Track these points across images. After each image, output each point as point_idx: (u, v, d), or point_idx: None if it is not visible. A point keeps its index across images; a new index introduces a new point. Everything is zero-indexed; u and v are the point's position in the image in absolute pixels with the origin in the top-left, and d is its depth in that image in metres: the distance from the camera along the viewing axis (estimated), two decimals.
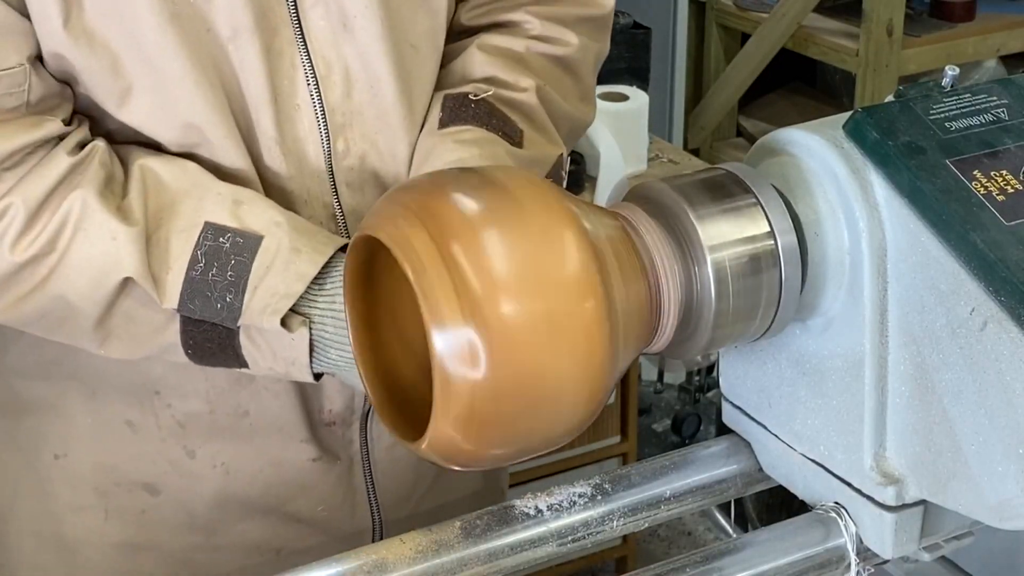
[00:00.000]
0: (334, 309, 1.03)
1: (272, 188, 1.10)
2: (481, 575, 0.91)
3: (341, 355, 1.04)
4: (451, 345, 0.78)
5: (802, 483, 0.97)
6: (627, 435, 2.55)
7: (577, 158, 2.46)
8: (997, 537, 0.98)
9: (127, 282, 1.03)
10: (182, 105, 1.06)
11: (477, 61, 1.19)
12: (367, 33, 1.10)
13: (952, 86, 0.92)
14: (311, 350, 1.04)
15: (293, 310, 1.03)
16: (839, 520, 0.94)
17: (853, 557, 0.94)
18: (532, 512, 0.93)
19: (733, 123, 3.80)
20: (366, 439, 1.22)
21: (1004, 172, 0.87)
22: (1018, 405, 0.81)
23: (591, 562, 2.66)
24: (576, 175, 2.43)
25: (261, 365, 1.06)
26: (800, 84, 3.91)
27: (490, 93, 1.15)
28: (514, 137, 1.15)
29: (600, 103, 2.46)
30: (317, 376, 1.07)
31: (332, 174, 1.12)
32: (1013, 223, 0.84)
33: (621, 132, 2.45)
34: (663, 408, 3.21)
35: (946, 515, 0.93)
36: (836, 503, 0.95)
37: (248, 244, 1.03)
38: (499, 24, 1.23)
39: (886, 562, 0.96)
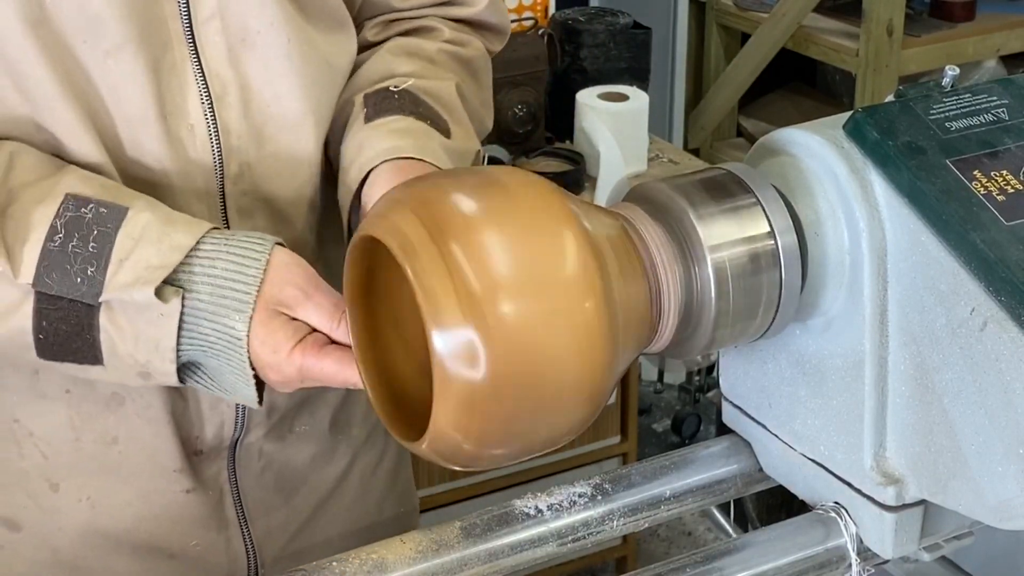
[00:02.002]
0: (210, 275, 0.97)
1: None
2: (481, 575, 0.91)
3: (215, 328, 0.96)
4: (451, 345, 0.78)
5: (802, 483, 0.97)
6: (627, 435, 2.55)
7: (577, 158, 2.46)
8: (997, 537, 0.98)
9: None
10: (45, 113, 1.01)
11: (390, 61, 1.16)
12: (271, 49, 1.06)
13: (952, 86, 0.92)
14: (180, 327, 0.97)
15: (165, 282, 0.96)
16: (839, 520, 0.94)
17: (853, 557, 0.94)
18: (532, 512, 0.93)
19: (733, 123, 3.80)
20: (234, 468, 1.18)
21: (1004, 172, 0.87)
22: (1018, 405, 0.81)
23: (591, 562, 2.67)
24: (576, 175, 2.43)
25: (120, 351, 0.97)
26: (800, 84, 3.91)
27: (409, 83, 1.12)
28: (441, 126, 1.12)
29: (600, 103, 2.47)
30: (181, 371, 0.99)
31: (223, 198, 1.08)
32: (1013, 223, 0.84)
33: (621, 132, 2.46)
34: (663, 408, 3.22)
35: (946, 515, 0.93)
36: (836, 503, 0.95)
37: (112, 215, 0.97)
38: (407, 32, 1.21)
39: (886, 562, 0.96)
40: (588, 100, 2.49)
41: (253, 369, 0.97)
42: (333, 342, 0.95)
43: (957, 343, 0.84)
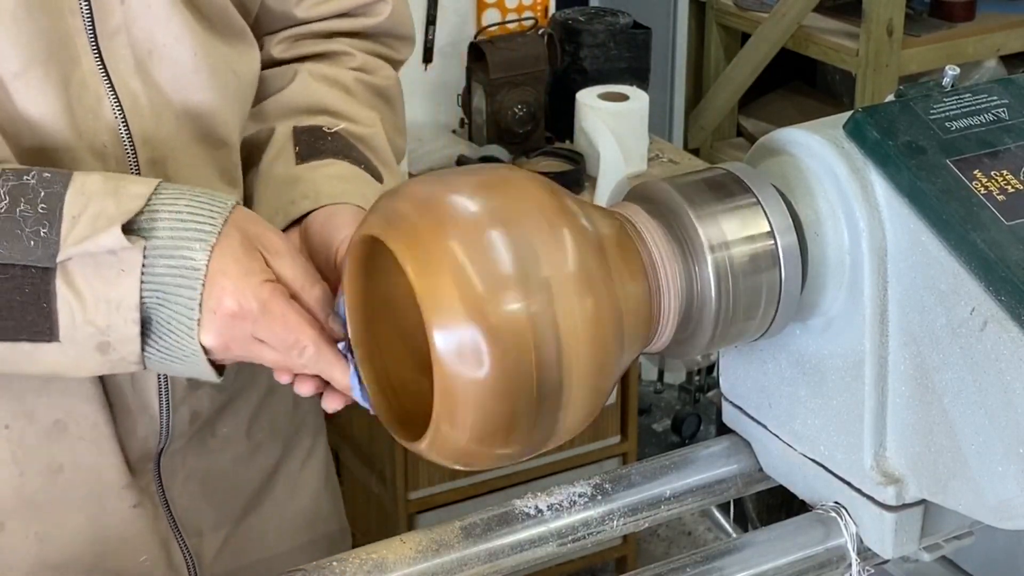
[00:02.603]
0: (172, 212, 0.93)
1: None
2: (481, 575, 0.91)
3: (171, 266, 0.92)
4: (452, 344, 0.78)
5: (802, 483, 0.97)
6: (627, 435, 2.55)
7: (577, 158, 2.46)
8: (997, 537, 0.98)
9: None
10: None
11: (315, 90, 1.15)
12: (179, 61, 1.06)
13: (952, 86, 0.92)
14: (141, 283, 0.92)
15: (125, 232, 0.92)
16: (839, 520, 0.94)
17: (853, 557, 0.94)
18: (532, 512, 0.93)
19: (733, 123, 3.80)
20: (159, 479, 1.16)
21: (1004, 172, 0.87)
22: (1018, 405, 0.81)
23: (591, 562, 2.67)
24: (576, 175, 2.43)
25: (78, 320, 0.93)
26: (800, 84, 3.91)
27: (341, 127, 1.12)
28: (373, 173, 1.12)
29: (600, 103, 2.47)
30: (144, 328, 0.93)
31: None
32: (1013, 223, 0.84)
33: (621, 132, 2.46)
34: (663, 408, 3.22)
35: (946, 515, 0.93)
36: (836, 503, 0.95)
37: (57, 177, 0.94)
38: (317, 55, 1.20)
39: (886, 562, 0.96)
40: (588, 100, 2.49)
41: (200, 314, 0.92)
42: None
43: (957, 343, 0.84)
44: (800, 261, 0.88)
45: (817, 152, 0.89)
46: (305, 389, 0.97)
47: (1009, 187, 0.86)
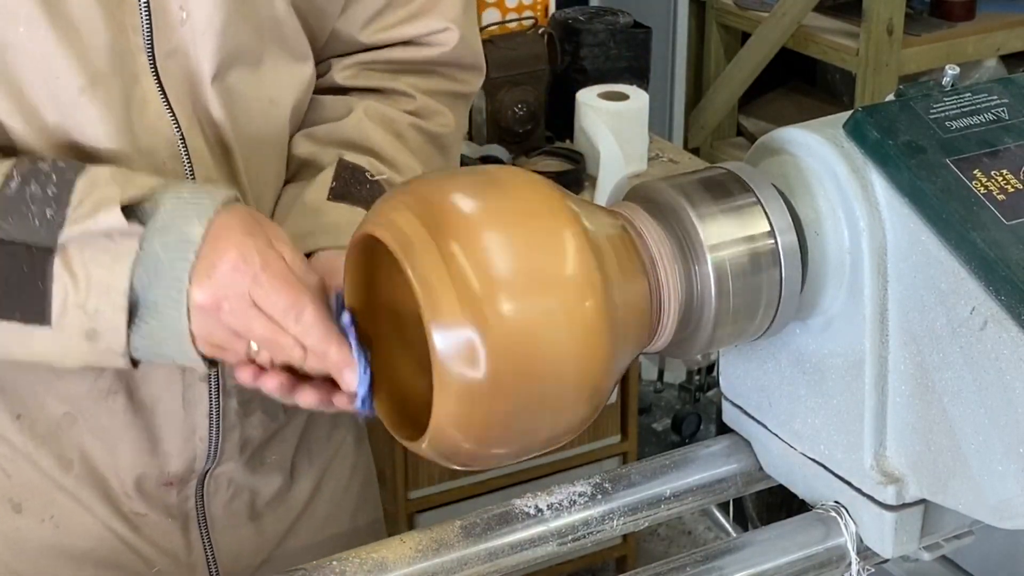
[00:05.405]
0: (176, 196, 0.95)
1: None
2: (481, 574, 0.91)
3: (165, 243, 0.93)
4: (451, 344, 0.78)
5: (802, 482, 0.97)
6: (627, 434, 2.55)
7: (577, 157, 2.46)
8: (997, 537, 0.98)
9: None
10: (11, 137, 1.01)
11: (368, 130, 1.16)
12: (230, 86, 1.06)
13: (952, 85, 0.92)
14: (133, 272, 0.93)
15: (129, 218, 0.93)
16: (839, 519, 0.94)
17: (853, 556, 0.94)
18: (532, 511, 0.93)
19: (733, 122, 3.80)
20: (202, 495, 1.18)
21: (1004, 171, 0.87)
22: (1018, 405, 0.81)
23: (591, 562, 2.66)
24: (576, 174, 2.43)
25: (70, 303, 0.93)
26: (800, 83, 3.91)
27: (384, 177, 1.13)
28: None
29: (600, 102, 2.47)
30: (133, 314, 0.94)
31: None
32: (1013, 222, 0.84)
33: (621, 132, 2.45)
34: (663, 407, 3.22)
35: (946, 514, 0.93)
36: (836, 502, 0.95)
37: (71, 167, 0.96)
38: (378, 90, 1.20)
39: (886, 561, 0.96)
40: (588, 99, 2.48)
41: (191, 284, 0.92)
42: None
43: (957, 342, 0.84)
44: (800, 260, 0.88)
45: (817, 151, 0.89)
46: (307, 398, 0.96)
47: (1009, 187, 0.86)
